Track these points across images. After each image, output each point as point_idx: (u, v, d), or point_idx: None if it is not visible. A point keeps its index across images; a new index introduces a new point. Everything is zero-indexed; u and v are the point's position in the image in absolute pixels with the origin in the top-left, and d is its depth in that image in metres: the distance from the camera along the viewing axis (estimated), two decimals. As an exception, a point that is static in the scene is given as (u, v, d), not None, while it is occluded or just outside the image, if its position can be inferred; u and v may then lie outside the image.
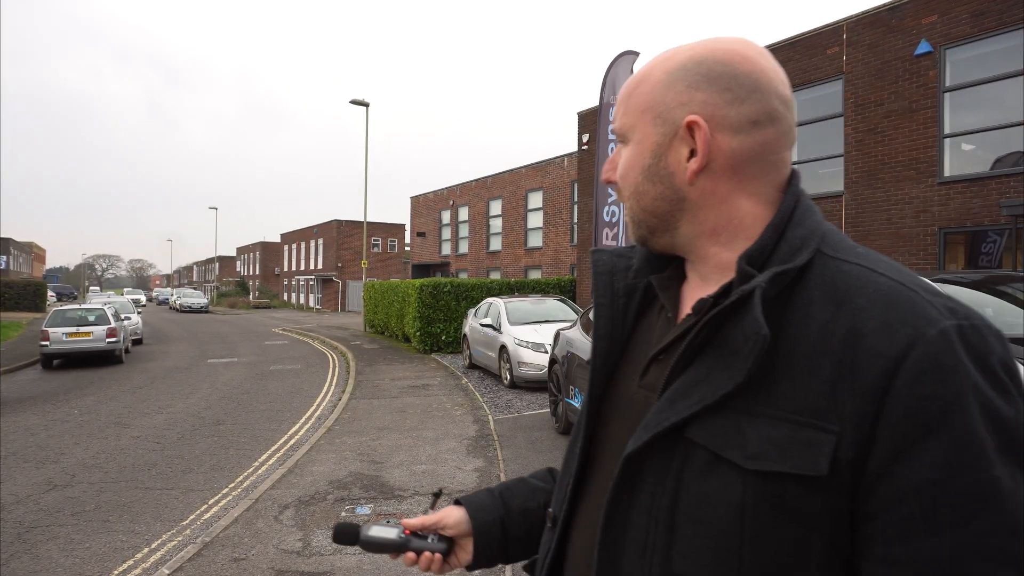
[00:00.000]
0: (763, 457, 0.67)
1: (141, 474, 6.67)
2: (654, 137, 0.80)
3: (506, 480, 1.16)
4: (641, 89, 0.82)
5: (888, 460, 0.63)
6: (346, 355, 17.02)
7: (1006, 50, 10.14)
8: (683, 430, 0.72)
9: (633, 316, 0.90)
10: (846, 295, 0.69)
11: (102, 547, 4.83)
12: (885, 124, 11.49)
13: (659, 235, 0.84)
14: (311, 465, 6.68)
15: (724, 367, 0.71)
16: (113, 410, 10.16)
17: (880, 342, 0.65)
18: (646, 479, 0.74)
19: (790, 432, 0.66)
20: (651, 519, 0.73)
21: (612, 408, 0.86)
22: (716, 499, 0.69)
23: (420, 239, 34.81)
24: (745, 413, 0.69)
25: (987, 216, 10.29)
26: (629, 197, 0.84)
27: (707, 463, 0.70)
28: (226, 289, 70.70)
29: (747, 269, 0.73)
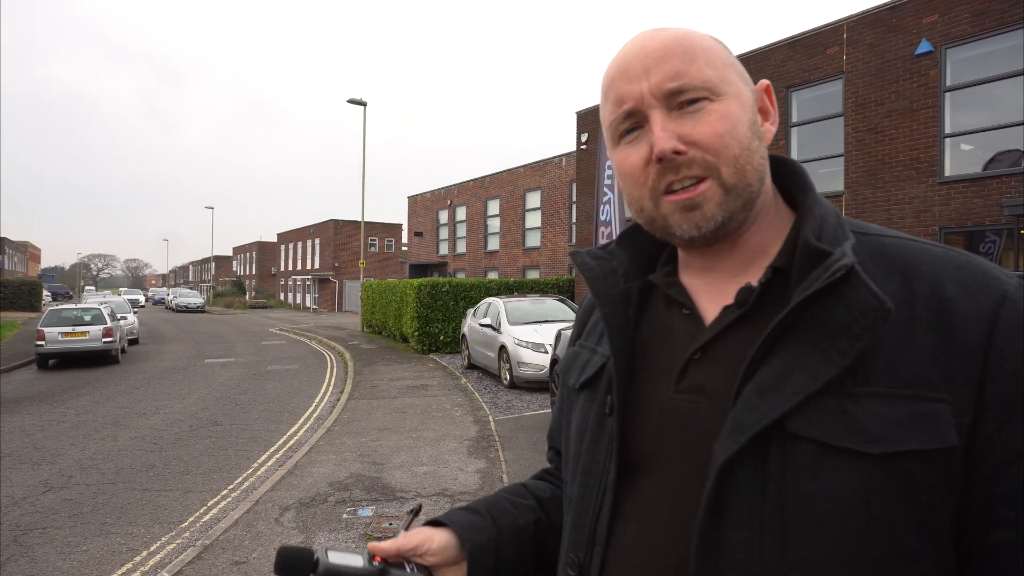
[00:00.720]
0: (888, 439, 0.63)
1: (139, 475, 6.60)
2: (748, 93, 0.76)
3: (484, 497, 1.01)
4: (707, 45, 0.75)
5: (1003, 419, 0.63)
6: (344, 355, 16.95)
7: (1007, 50, 10.13)
8: (783, 425, 0.65)
9: (634, 320, 0.83)
10: (907, 265, 0.69)
11: (100, 550, 4.76)
12: (885, 124, 11.48)
13: (747, 208, 0.74)
14: (311, 466, 6.62)
15: (820, 351, 0.66)
16: (110, 410, 10.08)
17: (968, 305, 0.65)
18: (739, 488, 0.67)
19: (906, 407, 0.63)
20: (752, 533, 0.65)
21: (643, 423, 0.77)
22: (835, 494, 0.63)
23: (417, 239, 34.74)
24: (845, 396, 0.64)
25: (988, 216, 10.28)
26: (739, 156, 0.72)
27: (815, 456, 0.64)
28: (222, 289, 70.53)
29: (819, 246, 0.69)
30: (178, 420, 9.28)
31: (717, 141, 0.71)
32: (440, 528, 0.92)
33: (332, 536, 4.76)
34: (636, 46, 0.75)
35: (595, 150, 18.00)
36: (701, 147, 0.71)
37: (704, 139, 0.71)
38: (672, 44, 0.73)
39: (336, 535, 4.78)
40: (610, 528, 0.77)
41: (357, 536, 4.76)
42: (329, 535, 4.78)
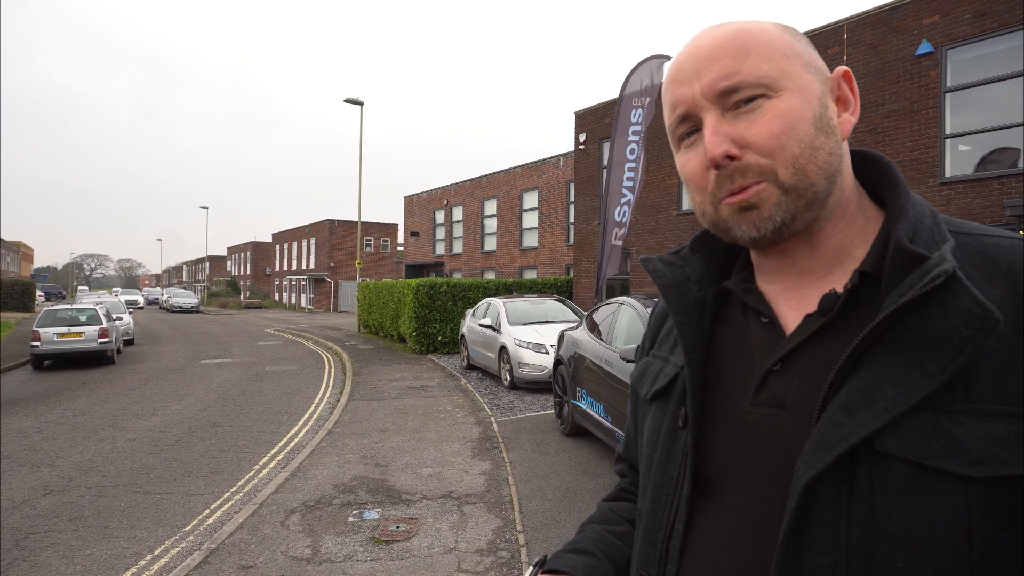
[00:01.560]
0: (992, 460, 0.58)
1: (140, 478, 6.52)
2: (815, 84, 0.70)
3: (584, 533, 0.97)
4: (769, 38, 0.70)
5: None
6: (341, 356, 16.88)
7: (1007, 51, 10.15)
8: (871, 443, 0.61)
9: (708, 329, 0.80)
10: (1014, 268, 0.63)
11: (103, 554, 4.70)
12: (886, 124, 11.48)
13: (813, 208, 0.69)
14: (314, 468, 6.56)
15: (915, 364, 0.61)
16: (107, 412, 9.99)
17: None
18: (823, 510, 0.63)
19: (1011, 427, 0.58)
20: (837, 557, 0.61)
21: (717, 437, 0.74)
22: (932, 519, 0.59)
23: (413, 239, 34.66)
24: (943, 413, 0.60)
25: (988, 217, 10.29)
26: (800, 155, 0.67)
27: (908, 478, 0.60)
28: (217, 289, 70.21)
29: (915, 250, 0.64)
30: (177, 421, 9.20)
31: (773, 142, 0.67)
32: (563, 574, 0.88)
33: (339, 539, 4.70)
34: (689, 47, 0.72)
35: (594, 150, 17.98)
36: (755, 149, 0.68)
37: (759, 140, 0.67)
38: (725, 41, 0.70)
39: (343, 538, 4.72)
40: (683, 546, 0.74)
41: (365, 539, 4.70)
42: (336, 538, 4.72)
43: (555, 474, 6.22)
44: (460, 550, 4.49)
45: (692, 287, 0.82)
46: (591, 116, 18.32)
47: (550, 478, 6.10)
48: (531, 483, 5.98)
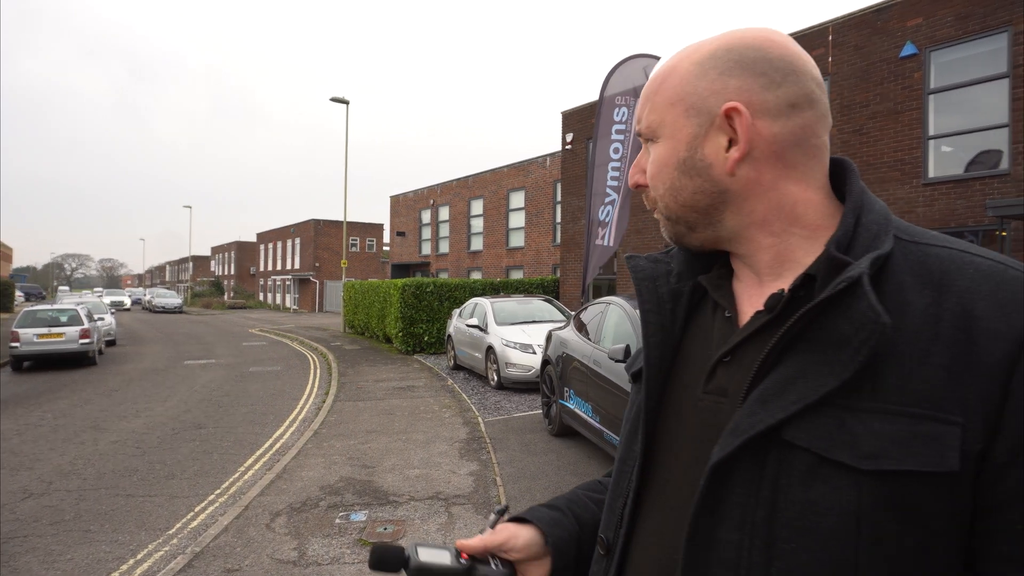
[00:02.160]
0: (882, 456, 0.62)
1: (122, 480, 6.42)
2: (688, 129, 0.77)
3: (564, 494, 1.05)
4: (669, 83, 0.78)
5: (1017, 448, 0.60)
6: (327, 356, 16.77)
7: (990, 53, 10.26)
8: (780, 432, 0.66)
9: (682, 321, 0.85)
10: (945, 278, 0.66)
11: (84, 558, 4.61)
12: (870, 125, 11.57)
13: (700, 230, 0.80)
14: (300, 470, 6.49)
15: (823, 362, 0.65)
16: (89, 414, 9.84)
17: (998, 324, 0.62)
18: (734, 490, 0.68)
19: (908, 426, 0.62)
20: (743, 534, 0.67)
21: (671, 419, 0.80)
22: (825, 506, 0.63)
23: (399, 239, 34.53)
24: (847, 410, 0.64)
25: (971, 217, 10.40)
26: (664, 195, 0.80)
27: (810, 467, 0.64)
28: (200, 289, 69.58)
29: (839, 256, 0.69)
30: (160, 423, 9.08)
31: (652, 181, 0.81)
32: (524, 525, 0.96)
33: (326, 542, 4.65)
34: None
35: (581, 150, 17.99)
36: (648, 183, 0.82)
37: (648, 177, 0.82)
38: (647, 86, 0.82)
39: (330, 540, 4.67)
40: (634, 516, 0.81)
41: (352, 541, 4.65)
42: (323, 540, 4.67)
43: (543, 474, 6.20)
44: (448, 552, 4.45)
45: (670, 280, 0.88)
46: (578, 116, 18.33)
47: (538, 478, 6.07)
48: (519, 484, 5.95)
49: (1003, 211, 9.39)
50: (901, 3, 11.19)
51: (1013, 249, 9.86)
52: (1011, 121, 9.96)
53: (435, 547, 0.92)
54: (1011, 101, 9.96)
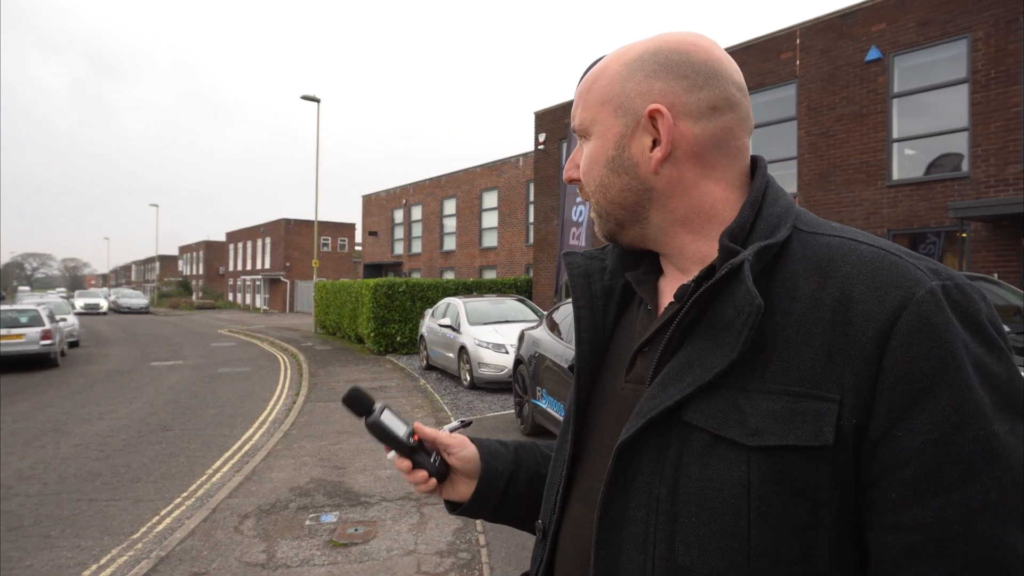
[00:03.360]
0: (766, 432, 0.65)
1: (84, 485, 6.27)
2: (616, 128, 0.80)
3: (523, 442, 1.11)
4: (599, 83, 0.81)
5: (889, 423, 0.63)
6: (297, 357, 16.58)
7: (950, 59, 10.52)
8: (679, 413, 0.70)
9: (613, 316, 0.90)
10: (830, 265, 0.70)
11: (44, 565, 4.49)
12: (837, 128, 11.79)
13: (629, 227, 0.83)
14: (270, 472, 6.40)
15: (715, 345, 0.70)
16: (50, 416, 9.59)
17: (871, 306, 0.65)
18: (641, 470, 0.72)
19: (790, 404, 0.65)
20: (649, 511, 0.71)
21: (599, 409, 0.85)
22: (719, 482, 0.67)
23: (372, 238, 34.28)
24: (740, 390, 0.68)
25: (933, 218, 10.66)
26: (595, 191, 0.83)
27: (706, 445, 0.68)
28: (167, 289, 68.31)
29: (730, 245, 0.73)
30: (125, 426, 8.88)
31: (584, 176, 0.84)
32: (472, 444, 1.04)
33: (296, 543, 4.59)
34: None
35: (554, 150, 18.04)
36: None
37: (580, 174, 0.85)
38: (581, 85, 0.84)
39: (299, 542, 4.61)
40: (565, 501, 0.85)
41: (322, 543, 4.60)
42: (292, 542, 4.61)
43: (516, 474, 6.19)
44: (420, 552, 4.43)
45: (603, 277, 0.91)
46: (550, 116, 18.37)
47: (511, 478, 6.06)
48: (492, 483, 5.93)
49: (963, 213, 9.63)
50: (866, 8, 11.42)
51: (973, 250, 10.13)
52: (971, 125, 10.23)
53: (400, 418, 1.00)
54: (971, 106, 10.22)
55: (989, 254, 9.95)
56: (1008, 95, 9.80)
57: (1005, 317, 6.60)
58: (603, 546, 0.73)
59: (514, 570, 4.14)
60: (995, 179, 9.93)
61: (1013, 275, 9.60)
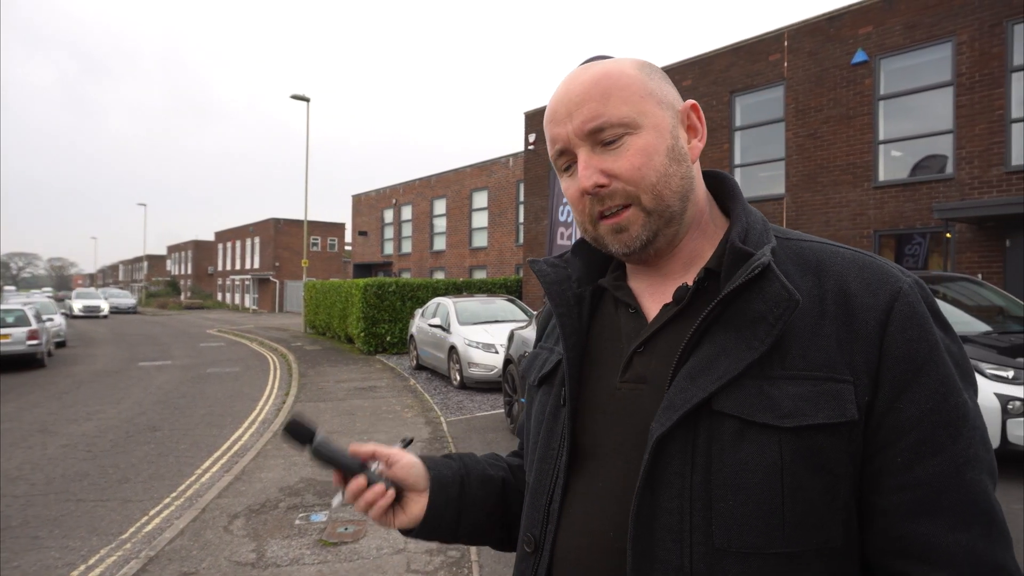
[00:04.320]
0: (798, 413, 0.71)
1: (72, 485, 6.24)
2: (667, 119, 0.83)
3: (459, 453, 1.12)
4: (626, 80, 0.82)
5: (893, 397, 0.72)
6: (287, 357, 16.53)
7: (936, 61, 10.64)
8: (710, 404, 0.74)
9: (587, 320, 0.92)
10: (821, 265, 0.79)
11: (32, 566, 4.48)
12: (824, 129, 11.89)
13: (672, 224, 0.84)
14: (259, 471, 6.40)
15: (742, 339, 0.75)
16: (37, 417, 9.53)
17: (867, 299, 0.75)
18: (671, 462, 0.75)
19: (814, 387, 0.72)
20: (683, 500, 0.74)
21: (593, 412, 0.85)
22: (754, 464, 0.72)
23: (361, 238, 34.20)
24: (764, 379, 0.73)
25: (918, 219, 10.77)
26: (657, 183, 0.81)
27: (737, 431, 0.73)
28: (156, 289, 67.85)
29: (743, 248, 0.79)
30: (113, 426, 8.84)
31: (635, 174, 0.80)
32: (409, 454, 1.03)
33: (286, 543, 4.60)
34: (562, 89, 0.84)
35: (543, 151, 18.06)
36: (622, 179, 0.81)
37: (624, 173, 0.80)
38: (591, 86, 0.81)
39: (289, 541, 4.62)
40: (561, 508, 0.85)
41: (312, 542, 4.61)
42: (282, 542, 4.62)
43: (505, 473, 6.22)
44: (409, 550, 4.45)
45: (572, 285, 0.94)
46: (540, 116, 18.34)
47: (500, 477, 6.09)
48: (481, 482, 5.95)
49: (948, 214, 9.74)
50: (853, 11, 11.53)
51: (958, 250, 10.25)
52: (955, 128, 10.35)
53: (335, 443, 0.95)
54: (955, 108, 10.35)
55: (973, 255, 10.07)
56: (992, 98, 9.93)
57: (988, 317, 6.69)
58: (639, 541, 0.75)
59: (504, 568, 4.17)
60: (979, 181, 10.06)
61: (996, 276, 9.73)
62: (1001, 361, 5.53)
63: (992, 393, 5.39)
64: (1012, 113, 9.78)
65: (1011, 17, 9.73)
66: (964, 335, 6.03)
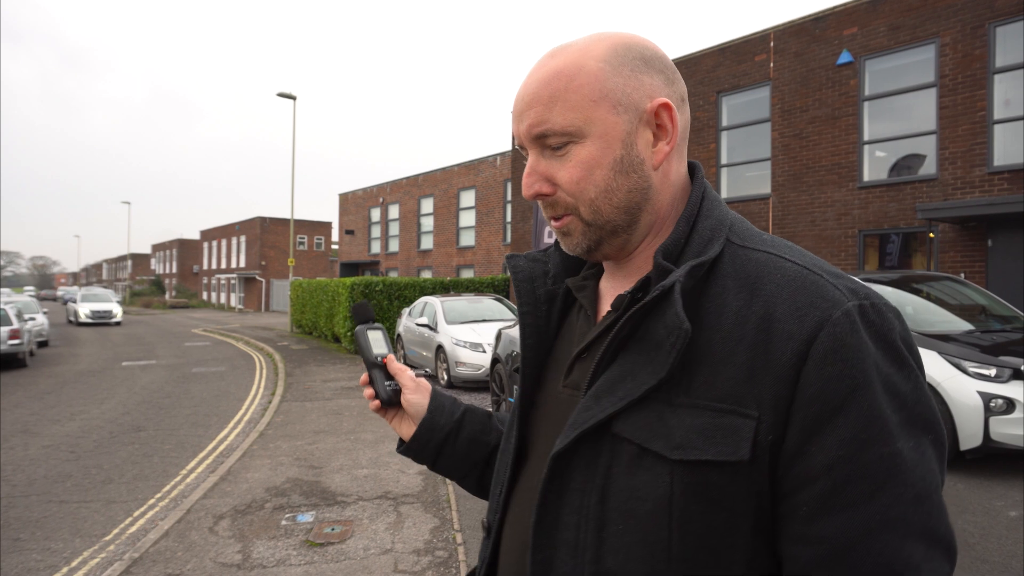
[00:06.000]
0: (688, 446, 0.67)
1: (54, 486, 6.17)
2: (621, 125, 0.76)
3: (475, 407, 1.14)
4: (580, 81, 0.75)
5: (802, 440, 0.65)
6: (273, 356, 16.43)
7: (919, 63, 10.74)
8: (610, 426, 0.72)
9: (556, 320, 0.90)
10: (757, 282, 0.71)
11: (13, 568, 4.42)
12: (810, 130, 11.98)
13: (617, 236, 0.80)
14: (245, 472, 6.35)
15: (647, 362, 0.71)
16: (18, 417, 9.41)
17: (791, 325, 0.67)
18: (575, 477, 0.74)
19: (712, 420, 0.67)
20: (581, 517, 0.73)
21: (541, 411, 0.86)
22: (644, 492, 0.69)
23: (348, 237, 34.06)
24: (667, 404, 0.70)
25: (903, 219, 10.88)
26: (597, 198, 0.77)
27: (634, 457, 0.70)
28: (140, 288, 67.23)
29: (664, 263, 0.74)
30: (96, 426, 8.75)
31: (574, 187, 0.77)
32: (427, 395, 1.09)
33: (272, 544, 4.57)
34: (522, 84, 0.80)
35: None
36: (563, 189, 0.78)
37: (564, 184, 0.77)
38: (541, 87, 0.76)
39: (276, 542, 4.59)
40: (507, 500, 0.87)
41: (298, 543, 4.58)
42: (268, 542, 4.59)
43: (493, 472, 6.21)
44: (397, 551, 4.43)
45: (547, 282, 0.91)
46: (528, 116, 18.40)
47: (488, 476, 6.08)
48: (469, 481, 5.94)
49: (931, 214, 9.85)
50: (838, 12, 11.62)
51: (941, 250, 10.36)
52: (939, 128, 10.46)
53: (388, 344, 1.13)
54: (938, 109, 10.45)
55: (956, 254, 10.18)
56: (975, 99, 10.04)
57: (970, 316, 6.77)
58: (539, 549, 0.76)
59: (491, 567, 4.17)
60: (962, 181, 10.17)
61: (979, 275, 9.84)
62: (984, 360, 5.59)
63: (975, 391, 5.46)
64: (994, 114, 9.90)
65: (993, 19, 9.85)
66: (947, 334, 6.09)
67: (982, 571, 3.89)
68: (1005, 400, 5.35)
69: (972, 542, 4.28)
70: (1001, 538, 4.36)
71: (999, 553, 4.13)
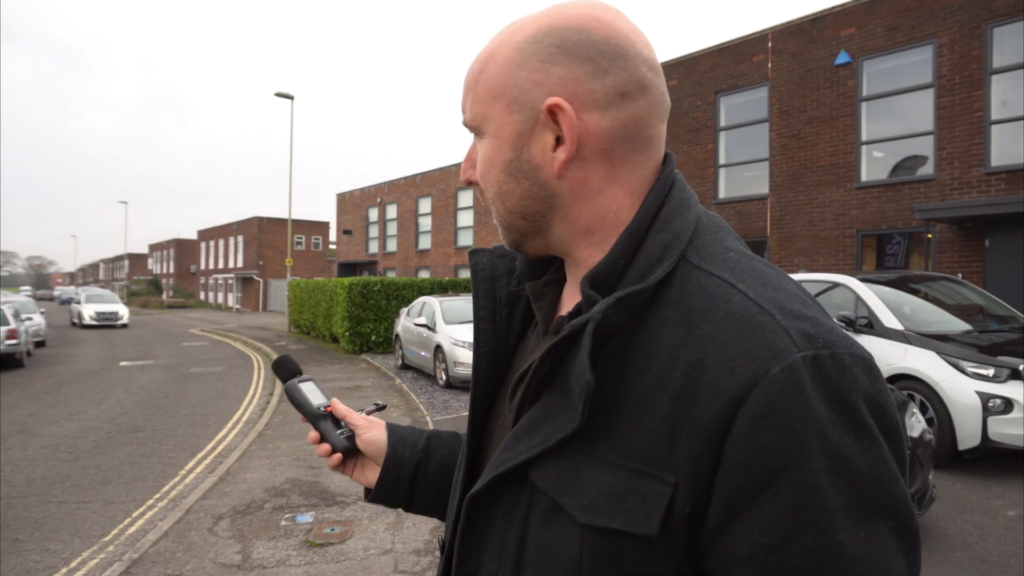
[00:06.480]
0: (596, 510, 0.58)
1: (53, 487, 6.16)
2: (512, 126, 0.67)
3: (440, 430, 1.06)
4: (488, 72, 0.68)
5: (725, 516, 0.55)
6: (271, 356, 16.42)
7: (917, 63, 10.77)
8: (527, 472, 0.64)
9: (518, 327, 0.80)
10: (698, 317, 0.59)
11: (12, 569, 4.41)
12: (807, 130, 12.01)
13: (532, 238, 0.72)
14: (244, 472, 6.35)
15: (564, 407, 0.62)
16: (16, 418, 9.39)
17: (720, 378, 0.55)
18: (496, 522, 0.67)
19: (626, 482, 0.58)
20: (500, 565, 0.66)
21: (490, 432, 0.78)
22: (555, 551, 0.61)
23: (346, 237, 34.04)
24: (585, 454, 0.61)
25: (900, 219, 10.91)
26: (493, 199, 0.71)
27: (548, 510, 0.62)
28: (137, 288, 67.15)
29: (590, 293, 0.62)
30: (95, 427, 8.74)
31: (481, 180, 0.72)
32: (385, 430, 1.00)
33: (271, 544, 4.57)
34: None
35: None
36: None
37: (477, 176, 0.73)
38: (468, 72, 0.72)
39: (275, 543, 4.59)
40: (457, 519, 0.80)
41: (298, 543, 4.59)
42: (268, 543, 4.59)
43: (492, 472, 6.22)
44: (397, 551, 4.44)
45: (511, 281, 0.81)
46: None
47: (487, 476, 6.09)
48: (468, 482, 5.95)
49: (929, 214, 9.87)
50: (836, 13, 11.65)
51: (938, 250, 10.39)
52: (936, 128, 10.49)
53: (323, 392, 1.04)
54: (936, 109, 10.49)
55: (953, 254, 10.21)
56: (972, 100, 10.07)
57: (968, 316, 6.79)
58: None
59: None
60: (959, 181, 10.20)
61: (976, 275, 9.87)
62: (982, 359, 5.61)
63: (973, 391, 5.48)
64: (991, 115, 9.93)
65: (990, 20, 9.88)
66: (945, 334, 6.11)
67: (981, 571, 3.90)
68: (1003, 400, 5.37)
69: (971, 541, 4.30)
70: (1000, 537, 4.38)
71: (998, 552, 4.15)
